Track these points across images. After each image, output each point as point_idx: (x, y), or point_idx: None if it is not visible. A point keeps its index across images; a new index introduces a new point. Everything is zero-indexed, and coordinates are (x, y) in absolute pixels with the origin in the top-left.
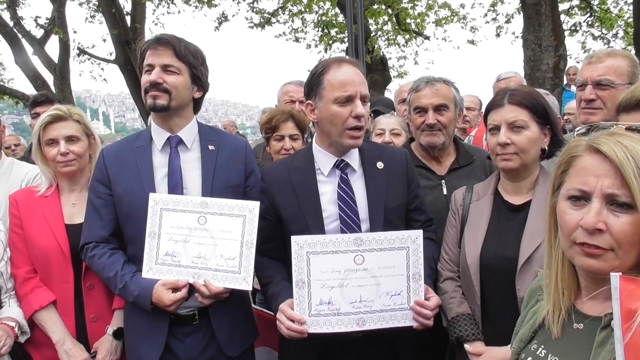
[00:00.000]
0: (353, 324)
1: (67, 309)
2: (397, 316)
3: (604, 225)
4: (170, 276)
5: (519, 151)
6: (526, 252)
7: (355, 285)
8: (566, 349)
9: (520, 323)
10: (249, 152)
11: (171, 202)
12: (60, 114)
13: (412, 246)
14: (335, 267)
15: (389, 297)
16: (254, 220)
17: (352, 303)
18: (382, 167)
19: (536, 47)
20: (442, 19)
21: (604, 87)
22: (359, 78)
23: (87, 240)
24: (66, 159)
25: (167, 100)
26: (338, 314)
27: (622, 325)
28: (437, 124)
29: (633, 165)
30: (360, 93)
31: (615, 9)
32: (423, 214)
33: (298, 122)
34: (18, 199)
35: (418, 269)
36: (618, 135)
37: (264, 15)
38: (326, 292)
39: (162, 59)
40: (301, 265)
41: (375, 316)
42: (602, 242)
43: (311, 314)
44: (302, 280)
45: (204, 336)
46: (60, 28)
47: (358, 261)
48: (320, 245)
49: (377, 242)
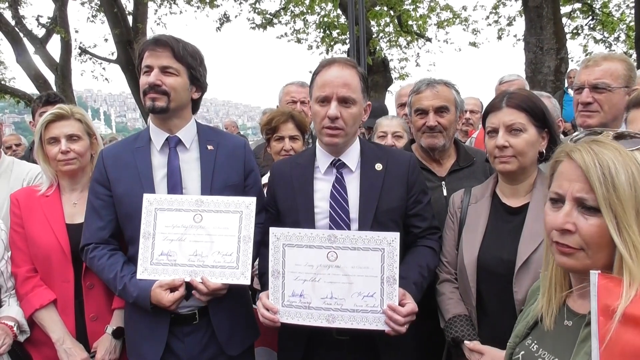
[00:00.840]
0: (323, 320)
1: (67, 308)
2: (369, 318)
3: (572, 227)
4: (166, 276)
5: (517, 154)
6: (524, 254)
7: (327, 282)
8: (555, 344)
9: (519, 320)
10: (247, 151)
11: (166, 202)
12: (62, 113)
13: (388, 248)
14: (308, 261)
15: (361, 297)
16: (250, 215)
17: (322, 299)
18: (381, 169)
19: (538, 50)
20: (444, 21)
21: (601, 91)
22: (340, 80)
23: (87, 242)
24: (67, 157)
25: (166, 102)
26: (309, 308)
27: (598, 320)
28: (437, 126)
29: (599, 172)
30: (337, 94)
31: (617, 13)
32: (425, 221)
33: (298, 123)
34: (19, 198)
35: (393, 272)
36: (595, 142)
37: (266, 16)
38: (299, 284)
39: (160, 61)
40: (277, 257)
41: (346, 315)
42: (572, 241)
43: (284, 304)
44: (277, 271)
45: (204, 335)
46: (62, 27)
47: (331, 257)
48: (295, 239)
49: (351, 240)
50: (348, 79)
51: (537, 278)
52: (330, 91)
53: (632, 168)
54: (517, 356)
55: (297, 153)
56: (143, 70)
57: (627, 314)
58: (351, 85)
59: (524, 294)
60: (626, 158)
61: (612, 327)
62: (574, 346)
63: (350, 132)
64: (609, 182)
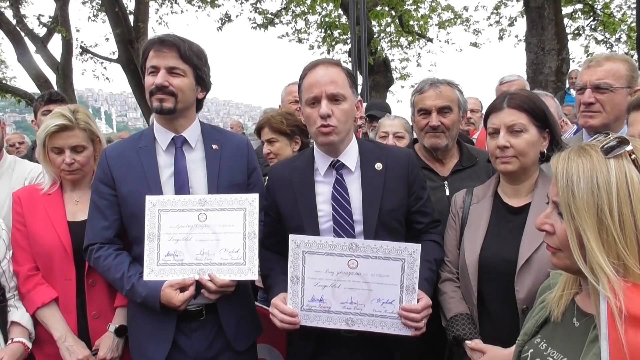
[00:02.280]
0: (342, 323)
1: (69, 306)
2: (387, 323)
3: (550, 228)
4: (174, 276)
5: (518, 154)
6: (525, 254)
7: (347, 288)
8: (564, 343)
9: (528, 318)
10: (250, 150)
11: (169, 203)
12: (66, 124)
13: (409, 259)
14: (328, 268)
15: (380, 303)
16: (254, 212)
17: (342, 303)
18: (381, 168)
19: (539, 51)
20: (445, 21)
21: (603, 91)
22: (327, 78)
23: (92, 242)
24: (71, 168)
25: (173, 103)
26: (328, 312)
27: (607, 322)
28: (440, 126)
29: (564, 178)
30: (325, 92)
31: (618, 14)
32: (427, 216)
33: (272, 126)
34: (21, 196)
35: (412, 281)
36: (580, 148)
37: (267, 15)
38: (319, 290)
39: (167, 61)
40: (297, 263)
41: (365, 319)
42: (551, 242)
43: (303, 308)
44: (297, 277)
45: (211, 331)
46: (63, 26)
47: (352, 265)
48: (316, 246)
49: (372, 249)
50: (334, 77)
51: (538, 277)
52: (318, 91)
53: (599, 176)
54: (526, 354)
55: (278, 154)
56: (149, 71)
57: (632, 313)
58: (338, 82)
59: (526, 293)
60: (596, 166)
61: (621, 330)
62: (582, 346)
63: (344, 129)
64: (569, 189)
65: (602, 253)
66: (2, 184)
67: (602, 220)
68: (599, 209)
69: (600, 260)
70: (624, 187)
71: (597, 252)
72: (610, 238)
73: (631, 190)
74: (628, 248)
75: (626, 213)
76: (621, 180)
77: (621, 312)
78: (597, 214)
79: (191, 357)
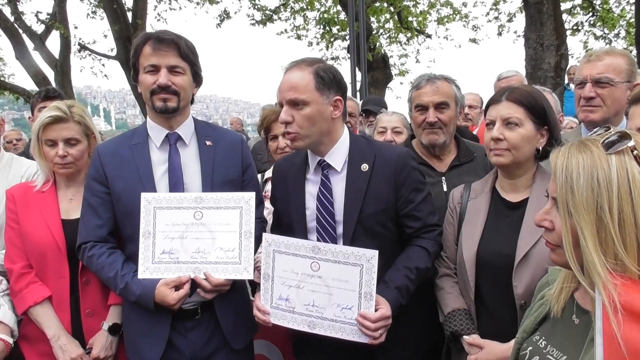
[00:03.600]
0: (305, 325)
1: (62, 304)
2: (346, 329)
3: (549, 224)
4: (169, 274)
5: (511, 147)
6: (523, 249)
7: (309, 290)
8: (564, 341)
9: (527, 315)
10: (244, 146)
11: (164, 200)
12: (60, 116)
13: (367, 265)
14: (294, 268)
15: (339, 308)
16: (250, 210)
17: (305, 305)
18: (367, 170)
19: (538, 46)
20: (444, 17)
21: (604, 85)
22: (287, 83)
23: (85, 240)
24: (64, 161)
25: (176, 102)
26: (293, 312)
27: (602, 317)
28: (437, 122)
29: (563, 174)
30: (285, 99)
31: (617, 9)
32: (417, 221)
33: None
34: (15, 193)
35: (370, 288)
36: (581, 143)
37: (266, 12)
38: (285, 289)
39: (168, 60)
40: (268, 261)
41: (326, 323)
42: (550, 238)
43: (272, 305)
44: (268, 274)
45: (207, 329)
46: (61, 23)
47: (314, 268)
48: (284, 246)
49: (332, 253)
50: (295, 81)
51: (536, 272)
52: (280, 97)
53: (599, 173)
54: (525, 352)
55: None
56: (146, 69)
57: (628, 309)
58: (298, 87)
59: (524, 288)
60: (597, 162)
61: (615, 325)
62: (582, 344)
63: (309, 133)
64: (568, 185)
65: (599, 252)
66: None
67: (601, 218)
68: (598, 206)
69: (595, 259)
70: (625, 185)
71: (593, 250)
72: (609, 237)
73: (632, 188)
74: (627, 247)
75: (627, 211)
76: (622, 177)
77: (616, 309)
78: (596, 211)
79: (187, 356)
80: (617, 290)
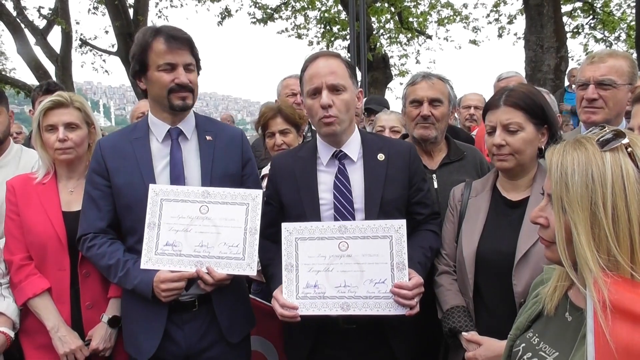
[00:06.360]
0: (338, 308)
1: (62, 296)
2: (382, 304)
3: (544, 221)
4: (171, 266)
5: (514, 152)
6: (523, 247)
7: (339, 271)
8: (556, 338)
9: (521, 313)
10: (245, 141)
11: (172, 193)
12: (61, 100)
13: (395, 235)
14: (321, 252)
15: (372, 284)
16: (257, 207)
17: (336, 287)
18: (383, 159)
19: (538, 48)
20: (444, 18)
21: (606, 87)
22: (327, 69)
23: (85, 232)
24: (64, 146)
25: (192, 99)
26: (324, 297)
27: (594, 315)
28: (431, 117)
29: (558, 171)
30: (325, 83)
31: (617, 12)
32: (427, 208)
33: (286, 116)
34: (15, 185)
35: (402, 258)
36: (576, 141)
37: (267, 11)
38: (312, 275)
39: (184, 58)
40: (290, 250)
41: (360, 302)
42: (545, 235)
43: (298, 296)
44: (291, 264)
45: (204, 322)
46: (63, 19)
47: (342, 247)
48: (307, 232)
49: (360, 230)
50: (334, 67)
51: (536, 271)
52: (319, 82)
53: (594, 170)
54: (518, 348)
55: (291, 146)
56: (162, 67)
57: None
58: (338, 72)
59: (524, 286)
60: (592, 159)
61: (604, 322)
62: (575, 340)
63: (345, 118)
64: (563, 181)
65: (592, 248)
66: (8, 171)
67: (595, 215)
68: (592, 202)
69: (588, 254)
70: (619, 181)
71: (586, 247)
72: (602, 233)
73: (626, 184)
74: (620, 243)
75: (621, 207)
76: (617, 174)
77: (605, 306)
78: (590, 207)
79: (183, 348)
80: (607, 287)
